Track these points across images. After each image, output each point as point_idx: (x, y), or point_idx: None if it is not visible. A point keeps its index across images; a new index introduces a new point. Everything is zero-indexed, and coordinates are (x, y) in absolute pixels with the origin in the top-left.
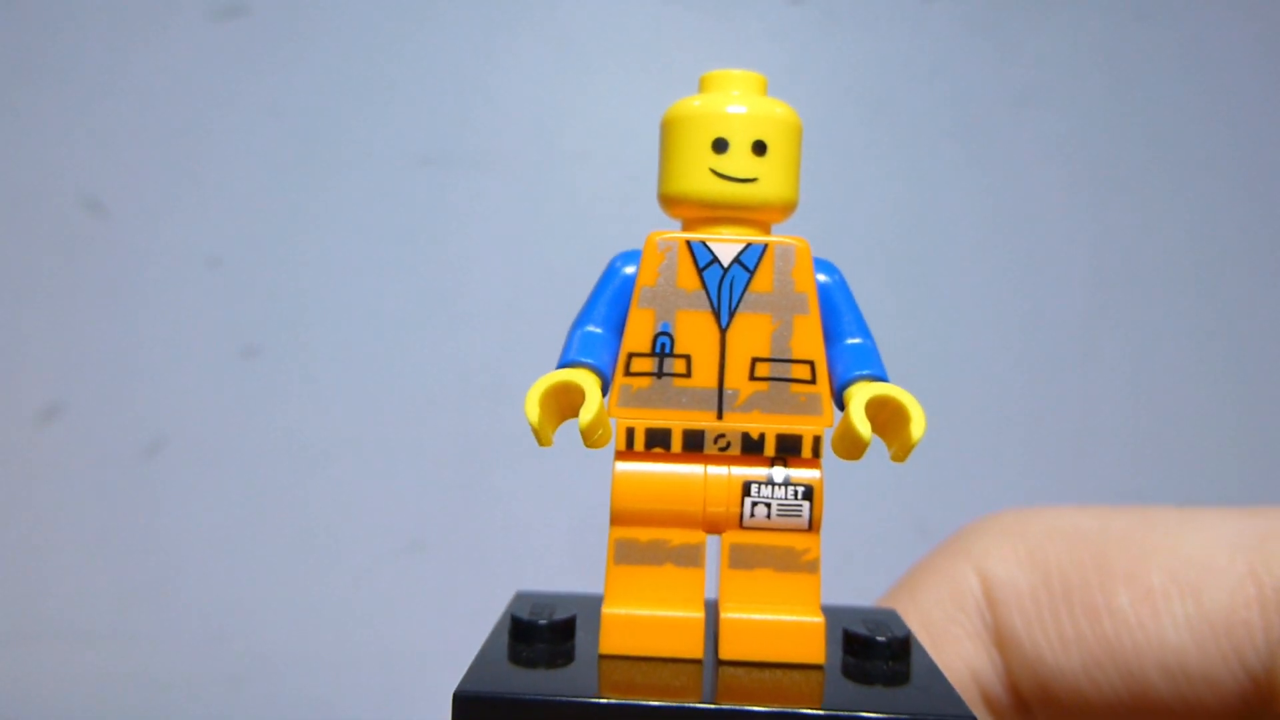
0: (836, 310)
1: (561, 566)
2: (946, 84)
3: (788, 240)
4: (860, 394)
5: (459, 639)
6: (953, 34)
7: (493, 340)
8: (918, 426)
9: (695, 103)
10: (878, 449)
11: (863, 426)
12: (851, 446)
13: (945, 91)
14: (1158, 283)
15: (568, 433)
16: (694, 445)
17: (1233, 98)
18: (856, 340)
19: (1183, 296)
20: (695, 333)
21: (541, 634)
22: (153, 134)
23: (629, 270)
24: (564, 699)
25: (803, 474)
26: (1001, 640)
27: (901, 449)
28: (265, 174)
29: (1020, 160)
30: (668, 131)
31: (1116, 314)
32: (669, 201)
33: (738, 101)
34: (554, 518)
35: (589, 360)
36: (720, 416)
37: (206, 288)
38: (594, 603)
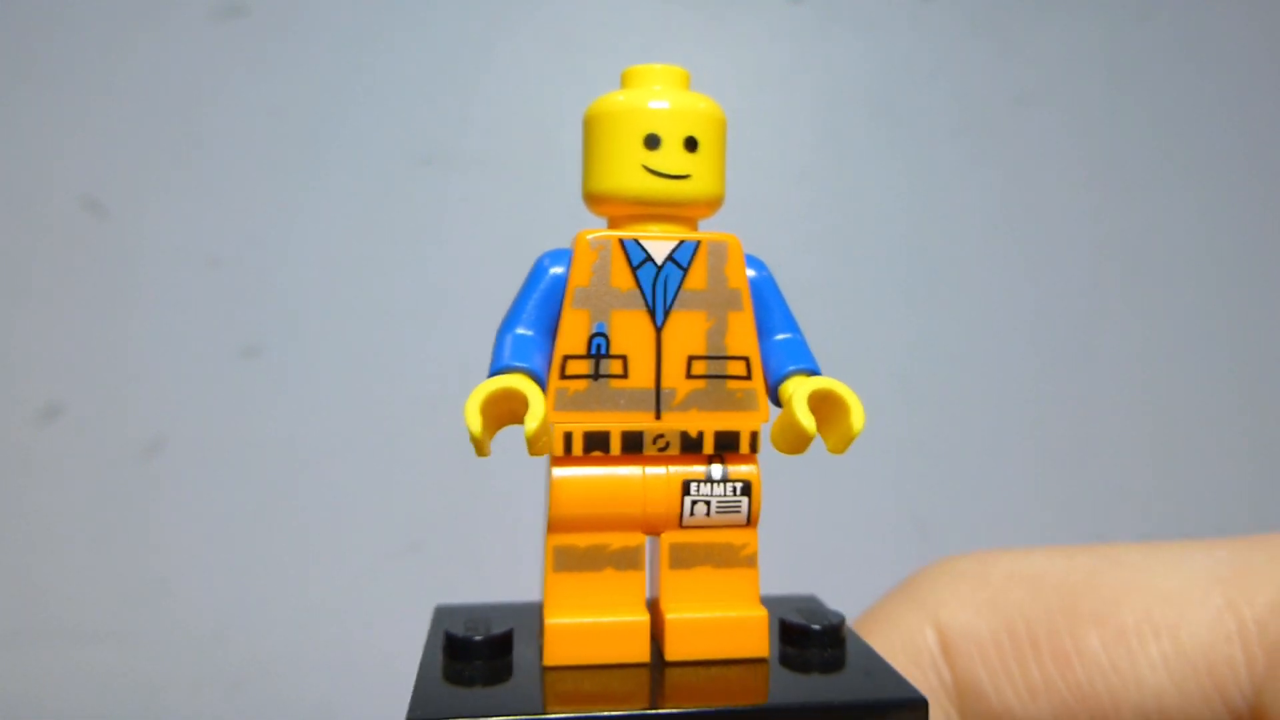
0: (766, 306)
1: None
2: (947, 83)
3: (720, 237)
4: (802, 388)
5: None
6: (953, 33)
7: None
8: (858, 418)
9: (620, 98)
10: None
11: (807, 420)
12: (796, 440)
13: (946, 91)
14: (1160, 280)
15: None
16: (633, 447)
17: (1235, 96)
18: (786, 335)
19: (1186, 294)
20: (631, 332)
21: (478, 650)
22: (153, 134)
23: (557, 270)
24: (512, 717)
25: (740, 469)
26: (962, 694)
27: (841, 440)
28: (265, 174)
29: (1022, 159)
30: (594, 127)
31: (1119, 312)
32: (595, 199)
33: (665, 97)
34: None
35: (524, 365)
36: (658, 416)
37: (206, 288)
38: (524, 611)
